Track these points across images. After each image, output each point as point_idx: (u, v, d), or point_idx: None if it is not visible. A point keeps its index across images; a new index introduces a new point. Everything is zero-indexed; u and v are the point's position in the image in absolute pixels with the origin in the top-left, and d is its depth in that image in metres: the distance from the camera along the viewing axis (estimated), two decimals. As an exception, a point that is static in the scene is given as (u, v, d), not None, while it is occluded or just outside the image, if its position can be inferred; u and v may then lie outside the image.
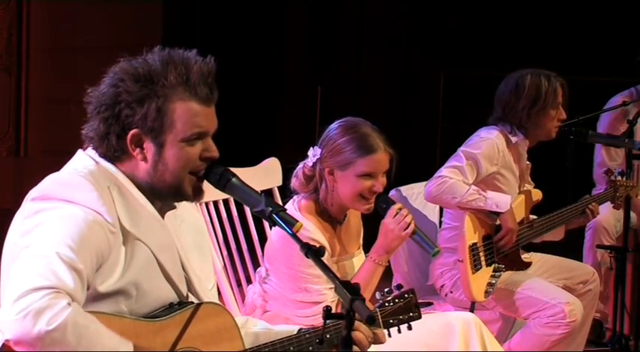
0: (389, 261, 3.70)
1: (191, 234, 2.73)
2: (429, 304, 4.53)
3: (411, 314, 3.11)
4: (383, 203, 3.59)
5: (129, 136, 2.52)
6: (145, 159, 2.54)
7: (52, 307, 2.26)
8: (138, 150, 2.54)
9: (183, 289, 2.62)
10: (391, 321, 3.07)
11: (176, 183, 2.56)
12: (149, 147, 2.54)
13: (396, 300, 3.10)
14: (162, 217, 2.62)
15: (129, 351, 2.36)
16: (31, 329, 2.24)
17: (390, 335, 3.01)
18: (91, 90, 2.58)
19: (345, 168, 3.51)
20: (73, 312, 2.27)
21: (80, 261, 2.35)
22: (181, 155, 2.55)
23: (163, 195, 2.59)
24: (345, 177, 3.51)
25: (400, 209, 3.56)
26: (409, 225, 3.55)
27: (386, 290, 3.10)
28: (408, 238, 3.58)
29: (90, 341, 2.30)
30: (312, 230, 3.50)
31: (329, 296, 3.46)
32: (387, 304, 3.08)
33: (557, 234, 4.80)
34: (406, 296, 3.12)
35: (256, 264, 3.82)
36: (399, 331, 3.07)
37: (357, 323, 2.60)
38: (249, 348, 2.67)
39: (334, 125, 3.59)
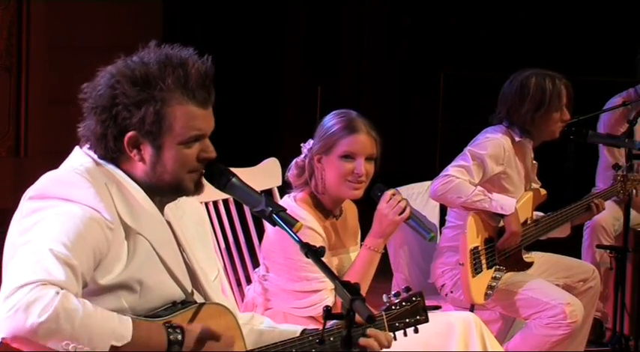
0: (386, 252, 3.69)
1: (193, 224, 2.73)
2: (437, 307, 4.51)
3: (417, 317, 3.07)
4: (377, 191, 3.60)
5: (126, 138, 2.51)
6: (142, 160, 2.53)
7: (40, 298, 2.25)
8: (135, 151, 2.53)
9: (188, 285, 2.61)
10: (397, 324, 3.03)
11: (175, 182, 2.56)
12: (147, 149, 2.52)
13: (403, 303, 3.06)
14: (162, 211, 2.62)
15: (127, 324, 2.36)
16: (23, 324, 2.24)
17: (395, 339, 3.00)
18: (87, 86, 2.56)
19: (329, 152, 3.54)
20: (62, 299, 2.26)
21: (74, 257, 2.34)
22: (179, 157, 2.54)
23: (163, 192, 2.60)
24: (330, 161, 3.54)
25: (394, 194, 3.57)
26: (404, 209, 3.56)
27: (393, 293, 3.07)
28: (403, 223, 3.58)
29: (85, 323, 2.29)
30: (308, 219, 3.51)
31: (328, 283, 3.43)
32: (393, 307, 3.05)
33: (563, 231, 4.77)
34: (413, 299, 3.08)
35: (256, 264, 3.82)
36: (405, 334, 3.04)
37: (373, 331, 2.72)
38: (252, 350, 2.66)
39: (327, 116, 3.64)
